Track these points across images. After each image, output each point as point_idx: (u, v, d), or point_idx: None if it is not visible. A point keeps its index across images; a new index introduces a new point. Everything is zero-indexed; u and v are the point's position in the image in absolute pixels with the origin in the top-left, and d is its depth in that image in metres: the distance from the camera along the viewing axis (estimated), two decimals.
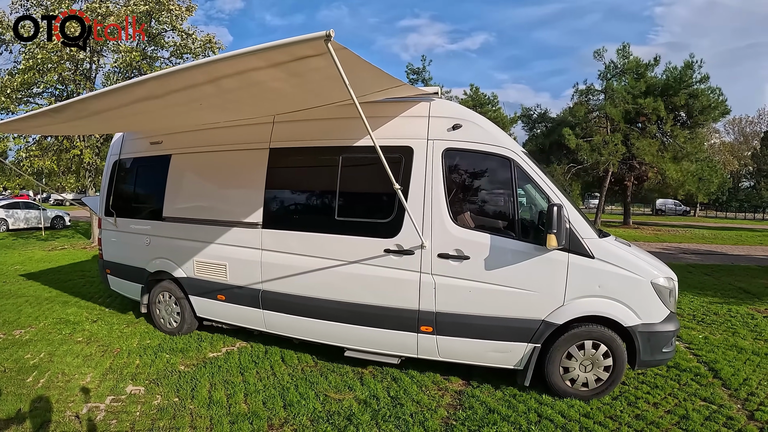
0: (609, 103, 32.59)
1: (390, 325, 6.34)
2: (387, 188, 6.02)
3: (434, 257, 6.06)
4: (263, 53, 3.60)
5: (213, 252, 7.60)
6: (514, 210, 5.98)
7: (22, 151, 20.06)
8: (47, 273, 14.95)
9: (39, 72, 18.38)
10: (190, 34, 20.46)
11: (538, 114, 40.25)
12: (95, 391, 6.24)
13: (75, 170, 22.64)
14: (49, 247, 21.63)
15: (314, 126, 6.80)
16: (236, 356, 7.39)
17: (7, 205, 29.99)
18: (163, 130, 8.33)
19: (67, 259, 17.75)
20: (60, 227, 31.13)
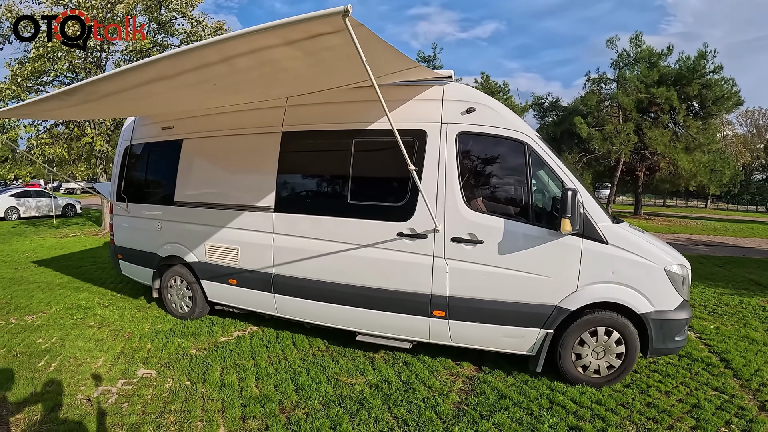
0: (621, 92, 32.31)
1: (402, 309, 6.32)
2: (400, 172, 6.02)
3: (447, 241, 6.03)
4: (278, 30, 3.55)
5: (225, 236, 7.59)
6: (528, 194, 5.92)
7: (33, 139, 20.09)
8: (59, 260, 15.00)
9: (49, 60, 18.38)
10: (201, 21, 20.36)
11: (550, 102, 40.02)
12: (107, 375, 6.26)
13: (86, 158, 22.65)
14: (61, 234, 21.67)
15: (327, 109, 6.77)
16: (247, 341, 7.40)
17: (19, 193, 30.15)
18: (175, 114, 8.32)
19: (79, 246, 17.81)
20: (71, 215, 31.22)
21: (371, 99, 6.29)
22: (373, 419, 5.20)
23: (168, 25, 20.79)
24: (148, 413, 5.33)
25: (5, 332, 7.79)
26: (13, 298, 9.99)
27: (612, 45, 35.03)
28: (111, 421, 5.17)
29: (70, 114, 10.00)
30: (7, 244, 18.37)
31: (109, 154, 21.04)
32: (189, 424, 5.10)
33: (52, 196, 31.26)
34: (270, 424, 5.10)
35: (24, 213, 29.35)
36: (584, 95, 36.23)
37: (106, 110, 8.66)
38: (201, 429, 5.03)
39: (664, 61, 33.51)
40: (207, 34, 20.38)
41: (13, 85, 18.18)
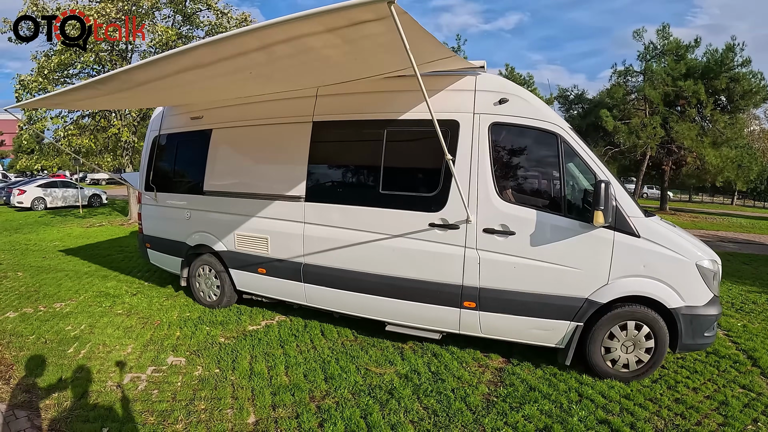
0: (648, 85, 31.86)
1: (432, 299, 6.30)
2: (432, 162, 6.07)
3: (479, 232, 6.00)
4: (321, 17, 3.50)
5: (254, 225, 7.61)
6: (561, 186, 5.85)
7: (60, 131, 20.26)
8: (86, 248, 15.17)
9: (75, 53, 18.57)
10: (225, 12, 20.40)
11: (575, 95, 39.56)
12: (136, 362, 6.32)
13: (112, 149, 22.84)
14: (87, 224, 21.93)
15: (358, 99, 6.75)
16: (276, 329, 7.44)
17: (45, 184, 30.64)
18: (205, 104, 8.34)
19: (105, 235, 18.00)
20: (97, 205, 31.64)
21: (403, 89, 6.31)
22: (403, 409, 5.19)
23: (193, 17, 20.85)
24: (178, 400, 5.37)
25: (34, 319, 7.89)
26: (41, 286, 10.13)
27: (639, 37, 34.50)
28: (141, 407, 5.22)
29: (102, 103, 10.05)
30: (34, 234, 18.63)
31: (135, 145, 21.22)
32: (219, 412, 5.14)
33: (78, 187, 31.64)
34: (300, 412, 5.11)
35: (50, 203, 29.81)
36: (610, 88, 35.80)
37: (138, 100, 8.68)
38: (231, 416, 5.06)
39: (691, 54, 32.92)
40: (232, 25, 20.42)
41: (40, 78, 18.38)
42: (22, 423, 4.94)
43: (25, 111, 18.99)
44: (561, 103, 39.99)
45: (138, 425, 4.88)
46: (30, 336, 7.17)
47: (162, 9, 20.11)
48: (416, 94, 6.23)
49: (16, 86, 18.75)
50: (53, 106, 14.29)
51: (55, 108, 17.25)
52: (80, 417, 5.01)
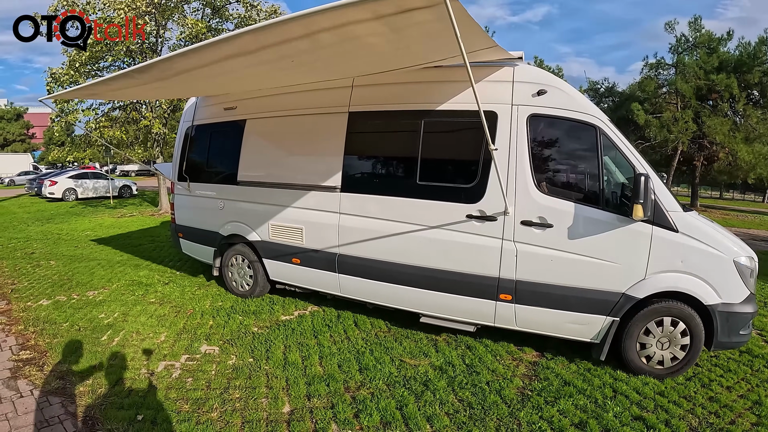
0: (680, 78, 31.31)
1: (468, 292, 6.26)
2: (470, 153, 6.05)
3: (517, 224, 5.93)
4: (371, 4, 3.46)
5: (289, 216, 7.62)
6: (599, 178, 5.75)
7: (91, 122, 20.49)
8: (117, 238, 15.33)
9: (106, 46, 18.75)
10: (255, 5, 20.43)
11: (606, 88, 39.01)
12: (170, 350, 6.37)
13: (143, 140, 23.09)
14: (118, 214, 22.20)
15: (395, 90, 6.71)
16: (309, 320, 7.45)
17: (76, 175, 31.22)
18: (240, 95, 8.35)
19: (136, 226, 18.17)
20: (127, 196, 32.10)
21: (441, 80, 6.28)
22: (438, 401, 5.16)
23: (222, 9, 20.93)
24: (212, 389, 5.39)
25: (68, 307, 7.99)
26: (74, 274, 10.26)
27: (670, 29, 33.86)
28: (176, 395, 5.25)
29: (137, 93, 10.08)
30: (66, 224, 18.91)
31: (166, 137, 21.42)
32: (254, 401, 5.14)
33: (109, 178, 32.17)
34: (335, 402, 5.10)
35: (81, 194, 30.36)
36: (641, 81, 35.26)
37: (173, 89, 8.68)
38: (266, 406, 5.07)
39: (723, 47, 32.21)
40: (261, 18, 20.44)
41: (71, 71, 18.58)
42: (55, 409, 4.99)
43: (57, 103, 19.30)
44: (591, 96, 39.38)
45: (172, 413, 4.90)
46: (63, 323, 7.26)
47: (191, 2, 20.21)
48: (454, 84, 6.21)
49: (48, 79, 18.98)
50: (89, 97, 14.39)
51: (90, 98, 17.40)
52: (114, 404, 5.06)
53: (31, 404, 5.09)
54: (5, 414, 4.89)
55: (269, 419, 4.83)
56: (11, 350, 6.38)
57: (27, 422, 4.76)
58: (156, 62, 5.13)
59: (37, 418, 4.83)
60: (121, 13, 17.19)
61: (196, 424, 4.70)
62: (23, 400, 5.16)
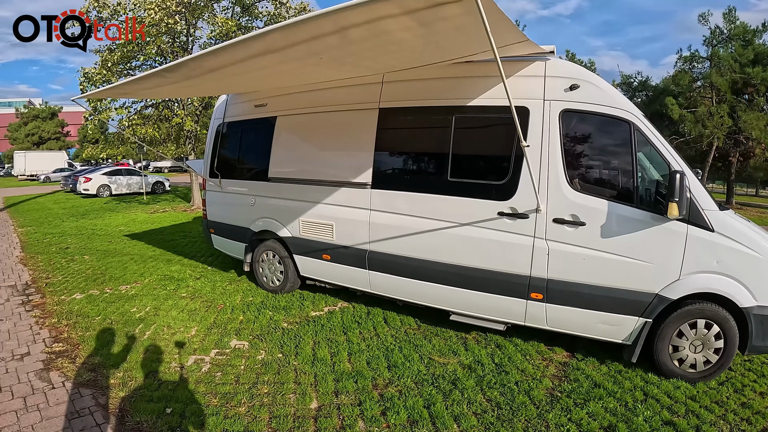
0: (715, 72, 30.63)
1: (499, 290, 6.19)
2: (502, 149, 6.00)
3: (549, 222, 5.84)
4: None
5: (320, 212, 7.63)
6: (633, 175, 5.62)
7: (124, 120, 20.89)
8: (150, 234, 15.53)
9: (138, 45, 19.03)
10: (284, 2, 20.51)
11: (639, 82, 38.34)
12: (200, 345, 6.43)
13: (175, 138, 23.37)
14: (151, 210, 22.50)
15: (425, 85, 6.66)
16: (339, 316, 7.46)
17: (110, 171, 31.75)
18: (270, 92, 8.39)
19: (169, 221, 18.41)
20: (160, 192, 32.57)
21: (471, 75, 6.22)
22: (466, 400, 5.12)
23: (251, 7, 21.06)
24: (241, 383, 5.43)
25: (100, 301, 8.14)
26: (107, 269, 10.44)
27: (704, 21, 33.11)
28: (204, 389, 5.29)
29: (168, 92, 10.19)
30: (100, 219, 19.20)
31: (197, 133, 21.66)
32: (282, 396, 5.16)
33: (142, 174, 32.67)
34: (363, 399, 5.09)
35: (115, 190, 30.89)
36: (675, 74, 34.58)
37: (204, 88, 8.75)
38: (294, 401, 5.07)
39: (759, 39, 31.39)
40: (291, 15, 20.51)
41: (104, 70, 18.89)
42: (86, 401, 5.07)
43: (90, 102, 19.54)
44: (624, 90, 38.73)
45: (201, 407, 4.94)
46: (96, 317, 7.38)
47: (221, 0, 20.38)
48: (485, 80, 6.15)
49: (81, 79, 19.37)
50: (120, 96, 14.59)
51: (121, 97, 17.65)
52: (144, 397, 5.12)
53: (62, 395, 5.18)
54: (37, 405, 4.99)
55: (297, 415, 4.84)
56: (44, 343, 6.51)
57: (58, 413, 4.85)
58: (186, 61, 5.15)
59: (68, 409, 4.91)
60: (151, 13, 17.38)
61: (224, 419, 4.73)
62: (55, 392, 5.26)
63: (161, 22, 17.76)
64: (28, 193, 35.23)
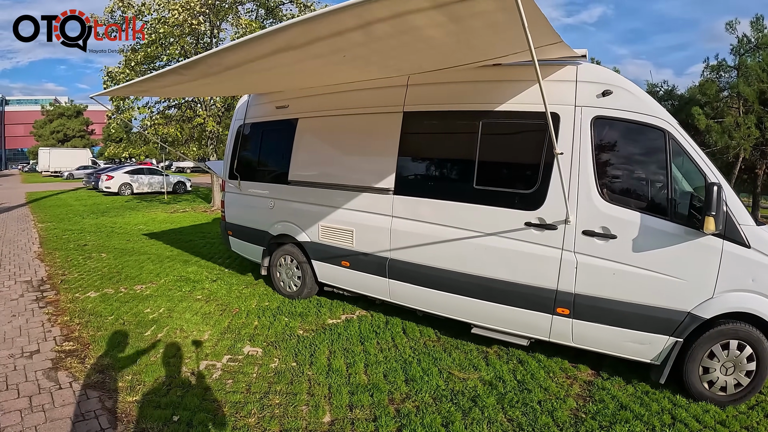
0: (742, 82, 30.05)
1: (524, 303, 5.94)
2: (531, 157, 5.76)
3: (578, 234, 5.58)
4: None
5: (340, 217, 7.46)
6: (667, 187, 5.33)
7: (146, 120, 21.00)
8: (169, 233, 15.50)
9: (161, 46, 19.07)
10: (308, 5, 20.40)
11: (665, 91, 37.83)
12: (212, 350, 6.30)
13: (197, 138, 23.41)
14: (171, 209, 22.56)
15: (452, 89, 6.45)
16: (356, 324, 7.25)
17: (132, 170, 31.96)
18: (292, 93, 8.25)
19: (188, 221, 18.38)
20: (181, 192, 32.69)
21: (500, 79, 6.03)
22: (486, 419, 4.88)
23: (275, 10, 21.02)
24: (252, 392, 5.27)
25: (114, 300, 8.08)
26: (123, 267, 10.41)
27: (731, 29, 32.47)
28: (214, 397, 5.16)
29: (187, 90, 10.06)
30: (120, 217, 19.28)
31: (219, 134, 21.66)
32: (294, 408, 4.99)
33: (164, 174, 32.86)
34: (378, 415, 4.89)
35: (137, 189, 31.06)
36: (702, 84, 34.02)
37: (223, 86, 8.57)
38: (306, 414, 4.90)
39: None
40: None
41: (127, 69, 18.98)
42: (93, 404, 4.98)
43: (113, 101, 19.66)
44: None
45: (209, 415, 4.80)
46: (109, 316, 7.31)
47: (245, 2, 20.36)
48: (514, 84, 5.94)
49: (104, 78, 19.49)
50: (139, 93, 14.51)
51: (140, 95, 17.63)
52: (152, 402, 5.00)
53: (69, 397, 5.09)
54: (42, 405, 4.91)
55: (308, 429, 4.66)
56: (55, 341, 6.46)
57: (63, 415, 4.75)
58: (204, 57, 4.95)
59: (74, 411, 4.83)
60: (175, 14, 17.40)
61: (233, 429, 4.59)
62: (62, 392, 5.17)
63: (185, 23, 17.75)
64: (51, 189, 35.84)
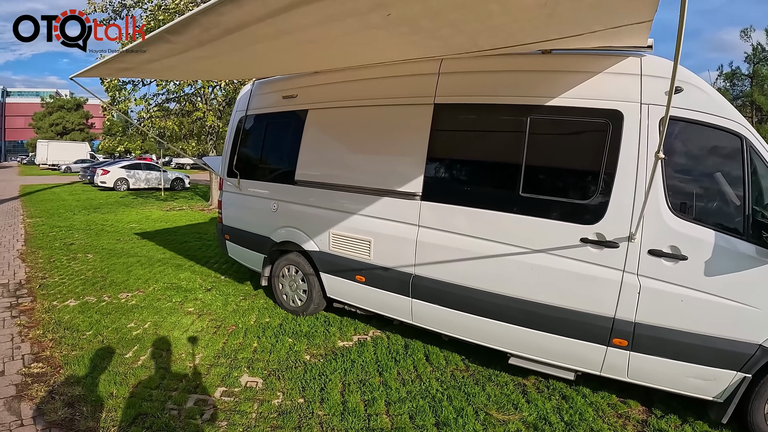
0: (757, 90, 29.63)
1: (574, 333, 5.03)
2: (590, 161, 4.95)
3: (643, 254, 4.69)
4: None
5: (355, 225, 6.52)
6: (745, 202, 4.52)
7: (143, 112, 20.30)
8: (162, 233, 14.74)
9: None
10: None
11: None
12: (204, 379, 5.38)
13: (196, 133, 22.73)
14: (167, 207, 21.92)
15: (493, 78, 5.54)
16: (371, 349, 6.29)
17: (129, 165, 31.54)
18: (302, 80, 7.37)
19: (184, 220, 17.64)
20: (179, 189, 32.13)
21: (552, 69, 5.20)
22: None
23: None
24: None
25: (95, 311, 7.27)
26: (109, 271, 9.63)
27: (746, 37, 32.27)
28: None
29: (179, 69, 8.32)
30: (112, 214, 18.69)
31: (219, 130, 21.04)
32: None
33: (161, 170, 32.41)
34: None
35: (133, 185, 30.71)
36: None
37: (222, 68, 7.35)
38: None
39: None
40: None
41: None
42: None
43: (108, 92, 19.00)
44: None
45: None
46: (87, 332, 6.49)
47: None
48: (571, 75, 5.10)
49: None
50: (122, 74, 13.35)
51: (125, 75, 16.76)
52: None
53: None
54: None
55: None
56: (23, 360, 5.66)
57: None
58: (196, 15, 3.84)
59: None
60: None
61: None
62: (23, 431, 4.34)
63: (186, 9, 16.90)
64: (47, 182, 35.71)
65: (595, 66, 4.96)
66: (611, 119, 4.82)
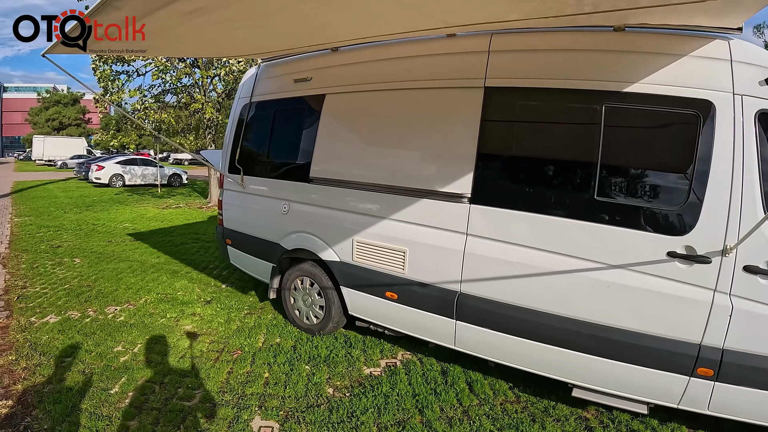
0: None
1: (652, 362, 4.24)
2: (679, 160, 4.24)
3: (738, 270, 3.93)
4: None
5: (385, 231, 5.54)
6: None
7: (137, 103, 19.66)
8: (158, 234, 13.89)
9: None
10: None
11: None
12: (206, 425, 4.41)
13: (195, 127, 21.93)
14: (164, 204, 21.25)
15: (558, 58, 4.64)
16: (404, 377, 5.32)
17: (124, 161, 31.16)
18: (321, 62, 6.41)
19: (181, 219, 16.87)
20: (177, 185, 31.74)
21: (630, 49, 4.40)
22: None
23: None
24: None
25: (77, 330, 6.36)
26: (97, 279, 8.74)
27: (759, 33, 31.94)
28: None
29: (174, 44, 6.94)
30: (105, 212, 18.03)
31: (219, 123, 20.34)
32: None
33: (158, 165, 32.01)
34: None
35: (129, 181, 30.37)
36: None
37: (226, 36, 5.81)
38: None
39: None
40: None
41: None
42: None
43: (100, 82, 18.35)
44: None
45: None
46: (66, 358, 5.55)
47: None
48: (652, 57, 4.30)
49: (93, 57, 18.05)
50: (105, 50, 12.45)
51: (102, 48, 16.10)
52: None
53: None
54: None
55: None
56: None
57: None
58: None
59: None
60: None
61: None
62: None
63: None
64: (41, 178, 35.59)
65: (678, 47, 4.21)
66: (701, 110, 4.07)
